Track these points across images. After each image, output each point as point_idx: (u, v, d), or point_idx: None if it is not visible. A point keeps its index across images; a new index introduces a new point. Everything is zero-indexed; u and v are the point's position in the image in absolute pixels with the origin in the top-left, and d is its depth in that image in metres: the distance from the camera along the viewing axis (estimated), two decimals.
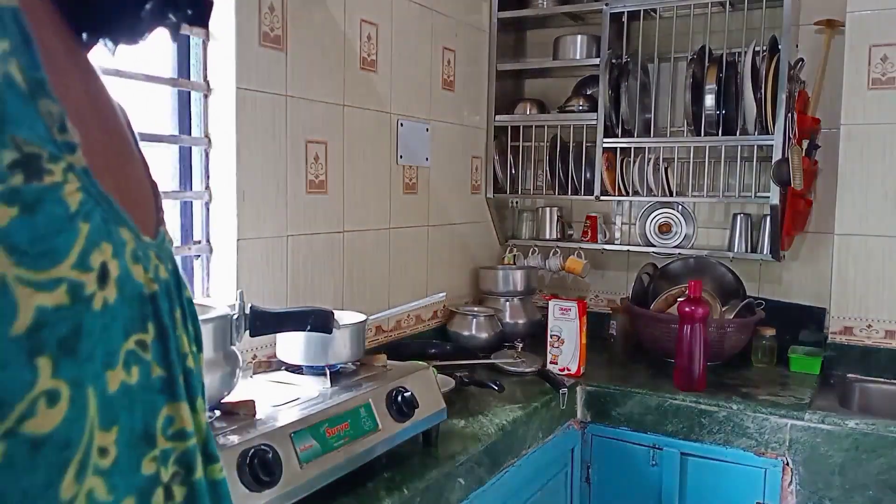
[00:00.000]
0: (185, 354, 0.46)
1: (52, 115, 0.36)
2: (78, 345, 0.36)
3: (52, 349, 0.35)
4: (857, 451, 1.88)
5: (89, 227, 0.37)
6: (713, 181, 2.61)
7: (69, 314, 0.35)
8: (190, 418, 0.45)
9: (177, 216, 1.89)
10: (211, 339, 1.33)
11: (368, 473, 1.52)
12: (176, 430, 0.44)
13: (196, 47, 1.85)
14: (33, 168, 0.34)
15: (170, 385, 0.44)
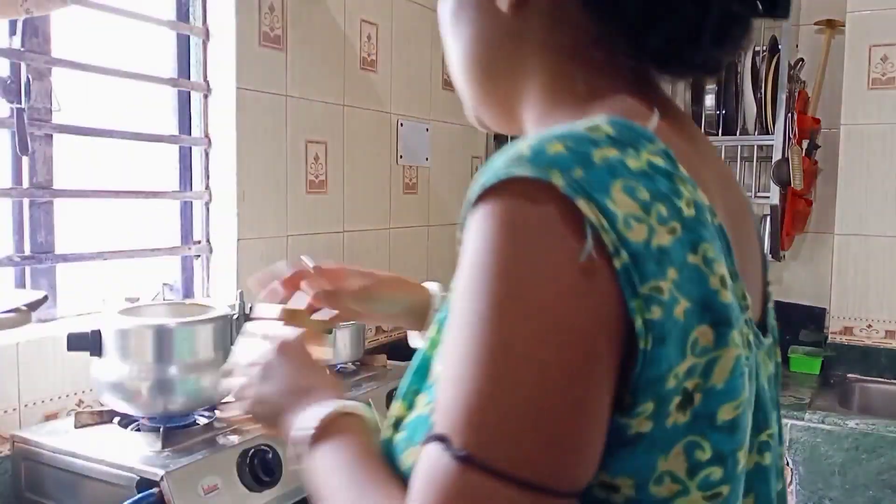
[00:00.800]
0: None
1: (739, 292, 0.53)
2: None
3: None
4: (857, 451, 1.88)
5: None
6: None
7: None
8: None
9: (177, 216, 1.89)
10: (211, 339, 1.33)
11: None
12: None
13: (196, 47, 1.85)
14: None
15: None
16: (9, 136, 1.45)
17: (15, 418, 1.38)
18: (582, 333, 0.44)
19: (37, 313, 1.45)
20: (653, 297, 0.44)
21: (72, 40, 1.58)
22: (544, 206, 0.44)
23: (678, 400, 0.46)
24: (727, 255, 0.50)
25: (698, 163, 0.53)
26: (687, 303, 0.45)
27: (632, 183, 0.46)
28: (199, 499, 1.17)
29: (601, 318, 0.44)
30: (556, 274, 0.44)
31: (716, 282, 0.47)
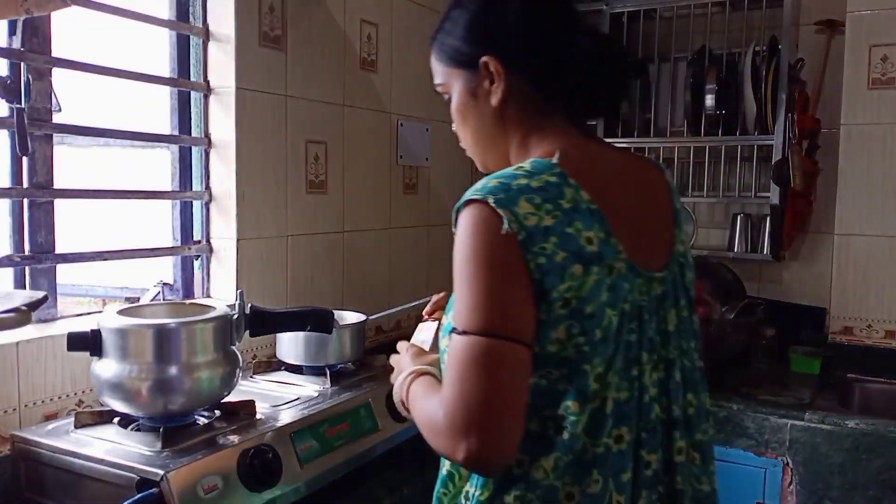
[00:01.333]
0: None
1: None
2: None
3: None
4: (857, 451, 1.88)
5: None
6: (713, 181, 2.61)
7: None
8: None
9: (177, 216, 1.89)
10: (211, 339, 1.33)
11: (368, 473, 1.52)
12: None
13: (196, 47, 1.85)
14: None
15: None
16: (9, 136, 1.46)
17: (15, 418, 1.38)
18: (507, 264, 0.89)
19: (37, 313, 1.45)
20: (538, 253, 0.89)
21: (72, 40, 1.58)
22: (484, 210, 0.91)
23: (560, 303, 0.90)
24: (600, 225, 0.92)
25: (593, 172, 0.97)
26: (564, 253, 0.90)
27: (531, 195, 0.91)
28: (199, 499, 1.17)
29: (513, 260, 0.89)
30: (494, 240, 0.89)
31: (583, 241, 0.91)
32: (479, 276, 0.89)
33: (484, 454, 0.84)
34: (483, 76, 1.03)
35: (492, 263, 0.89)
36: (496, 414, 0.85)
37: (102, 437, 1.29)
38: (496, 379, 0.85)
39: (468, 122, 1.09)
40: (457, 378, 0.86)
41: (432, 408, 0.91)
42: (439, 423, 0.88)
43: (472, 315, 0.88)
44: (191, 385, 1.29)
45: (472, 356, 0.86)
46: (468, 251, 0.90)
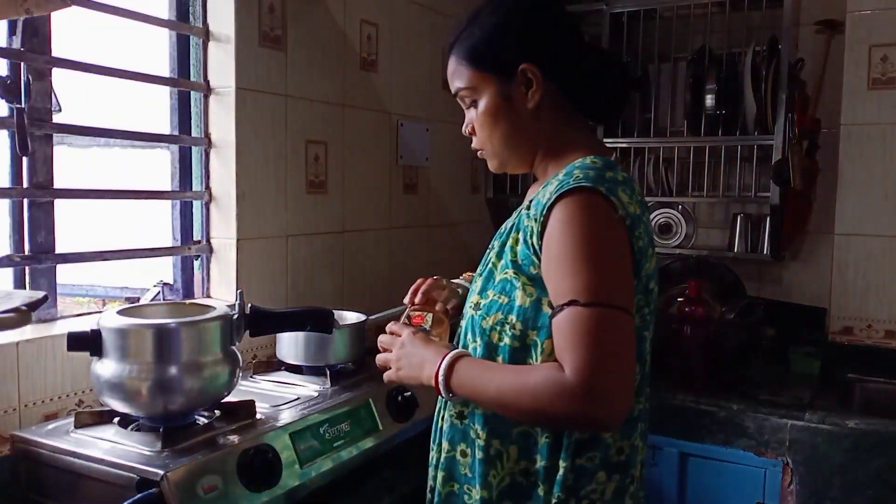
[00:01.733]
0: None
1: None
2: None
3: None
4: (857, 451, 1.88)
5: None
6: (713, 181, 2.61)
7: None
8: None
9: (177, 216, 1.89)
10: (211, 339, 1.33)
11: (368, 473, 1.52)
12: None
13: (196, 47, 1.85)
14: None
15: None
16: (9, 136, 1.46)
17: (15, 418, 1.38)
18: (622, 245, 1.04)
19: (37, 313, 1.45)
20: (638, 237, 1.06)
21: (72, 40, 1.58)
22: (598, 197, 1.03)
23: (643, 281, 1.08)
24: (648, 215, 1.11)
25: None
26: (647, 238, 1.09)
27: (623, 187, 1.06)
28: (199, 499, 1.17)
29: (624, 242, 1.04)
30: (609, 223, 1.03)
31: (649, 230, 1.10)
32: (601, 255, 1.01)
33: (618, 414, 0.97)
34: (520, 81, 1.13)
35: (611, 244, 1.03)
36: (627, 378, 0.99)
37: (102, 437, 1.29)
38: (625, 347, 0.99)
39: (499, 125, 1.16)
40: (594, 346, 0.96)
41: (541, 376, 0.99)
42: (565, 385, 0.96)
43: (599, 289, 0.98)
44: (191, 385, 1.29)
45: (604, 326, 0.97)
46: (588, 231, 1.01)
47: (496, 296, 1.11)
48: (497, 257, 1.15)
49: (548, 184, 1.11)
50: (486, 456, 1.11)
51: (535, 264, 1.07)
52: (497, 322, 1.10)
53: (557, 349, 1.00)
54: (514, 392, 1.02)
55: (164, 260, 1.87)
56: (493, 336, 1.10)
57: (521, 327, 1.08)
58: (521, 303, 1.08)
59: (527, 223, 1.10)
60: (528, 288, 1.08)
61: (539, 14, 1.15)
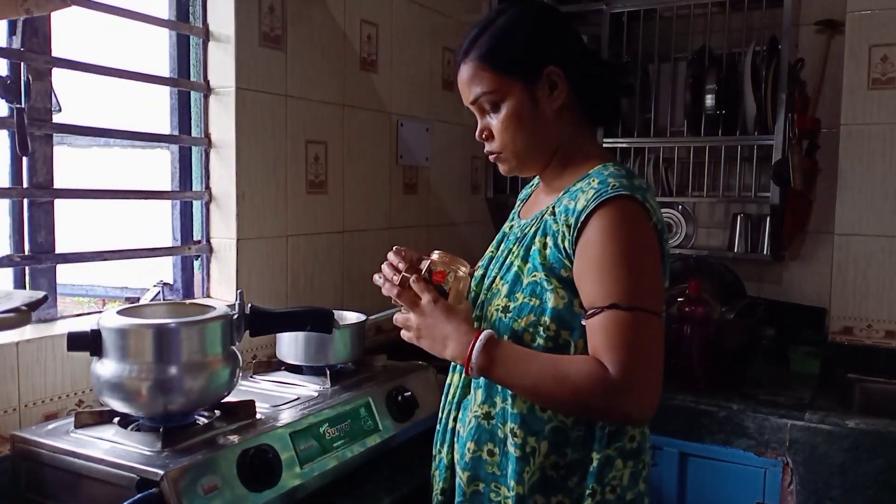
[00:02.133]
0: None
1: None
2: None
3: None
4: (857, 451, 1.88)
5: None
6: (713, 181, 2.61)
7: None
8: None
9: (177, 216, 1.89)
10: (211, 339, 1.33)
11: (368, 473, 1.52)
12: None
13: (196, 47, 1.85)
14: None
15: None
16: (9, 136, 1.46)
17: (15, 418, 1.38)
18: (656, 251, 1.11)
19: (37, 313, 1.45)
20: (665, 241, 1.14)
21: (72, 40, 1.58)
22: (637, 205, 1.10)
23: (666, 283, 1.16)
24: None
25: None
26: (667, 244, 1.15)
27: (649, 194, 1.13)
28: (199, 499, 1.17)
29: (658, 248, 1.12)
30: (646, 230, 1.10)
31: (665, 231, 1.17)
32: (640, 262, 1.09)
33: (651, 409, 1.08)
34: (544, 83, 1.18)
35: (648, 250, 1.10)
36: (659, 377, 1.09)
37: (102, 437, 1.29)
38: (658, 348, 1.09)
39: (525, 127, 1.19)
40: (634, 347, 1.05)
41: (583, 368, 1.06)
42: (608, 382, 1.04)
43: (637, 294, 1.06)
44: (191, 385, 1.29)
45: (642, 329, 1.06)
46: (629, 238, 1.08)
47: (526, 298, 1.15)
48: (522, 261, 1.18)
49: (567, 191, 1.17)
50: (522, 453, 1.15)
51: (566, 267, 1.12)
52: (530, 324, 1.14)
53: (596, 348, 1.07)
54: (552, 383, 1.07)
55: (164, 260, 1.87)
56: (525, 337, 1.14)
57: (554, 328, 1.12)
58: (555, 304, 1.12)
59: (556, 228, 1.14)
60: (560, 290, 1.12)
61: (554, 20, 1.21)
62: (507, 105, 1.18)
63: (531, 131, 1.20)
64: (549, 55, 1.18)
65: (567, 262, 1.12)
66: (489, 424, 1.19)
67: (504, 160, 1.24)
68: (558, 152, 1.23)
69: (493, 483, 1.19)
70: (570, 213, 1.12)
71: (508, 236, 1.30)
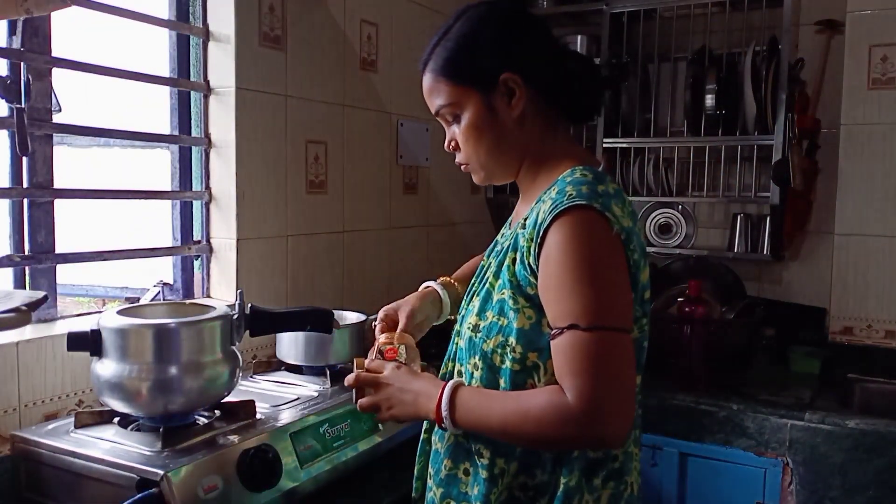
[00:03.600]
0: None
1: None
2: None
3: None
4: (857, 451, 1.88)
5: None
6: (713, 181, 2.61)
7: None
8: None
9: (177, 216, 1.89)
10: (211, 339, 1.33)
11: (368, 473, 1.52)
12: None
13: (196, 47, 1.85)
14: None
15: None
16: (9, 136, 1.45)
17: (15, 418, 1.38)
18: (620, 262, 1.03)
19: (37, 313, 1.45)
20: (632, 250, 1.05)
21: (72, 40, 1.58)
22: (595, 214, 1.02)
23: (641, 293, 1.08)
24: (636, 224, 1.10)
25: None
26: (640, 250, 1.08)
27: (615, 200, 1.05)
28: (199, 499, 1.17)
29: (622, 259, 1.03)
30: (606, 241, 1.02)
31: (641, 240, 1.09)
32: (600, 276, 1.00)
33: (621, 433, 0.99)
34: (501, 91, 1.12)
35: (609, 263, 1.02)
36: (630, 398, 1.00)
37: (102, 437, 1.29)
38: (626, 368, 1.00)
39: (484, 137, 1.14)
40: (597, 370, 0.97)
41: (542, 400, 1.00)
42: (568, 411, 0.97)
43: (598, 312, 0.99)
44: (191, 385, 1.29)
45: (606, 350, 0.98)
46: (587, 251, 1.00)
47: (495, 317, 1.10)
48: (494, 277, 1.13)
49: (539, 200, 1.10)
50: (489, 475, 1.10)
51: (532, 284, 1.06)
52: (498, 345, 1.08)
53: (558, 372, 1.01)
54: (517, 420, 1.02)
55: (164, 260, 1.87)
56: (494, 359, 1.09)
57: (521, 350, 1.06)
58: (521, 325, 1.06)
59: (523, 243, 1.08)
60: (527, 310, 1.06)
61: (513, 22, 1.14)
62: (465, 116, 1.13)
63: (492, 141, 1.14)
64: (505, 62, 1.12)
65: (532, 278, 1.06)
66: (467, 443, 1.14)
67: (473, 171, 1.20)
68: (526, 159, 1.17)
69: (464, 503, 1.14)
70: (533, 226, 1.06)
71: (495, 247, 1.25)
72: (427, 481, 1.22)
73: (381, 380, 1.13)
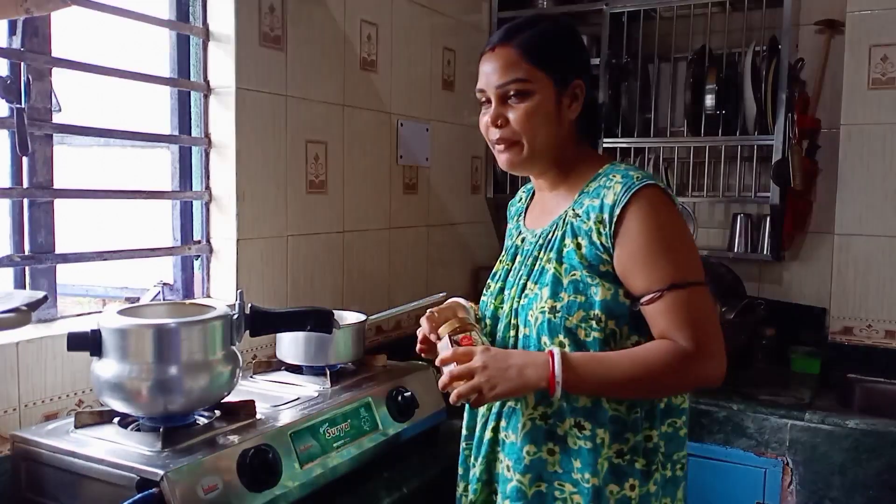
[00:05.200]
0: None
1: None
2: None
3: None
4: (857, 451, 1.88)
5: None
6: (713, 181, 2.61)
7: None
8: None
9: (177, 216, 1.89)
10: (211, 339, 1.33)
11: (368, 473, 1.52)
12: None
13: (196, 47, 1.85)
14: None
15: None
16: (9, 136, 1.45)
17: (15, 418, 1.38)
18: (688, 230, 1.24)
19: (37, 313, 1.45)
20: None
21: (72, 40, 1.58)
22: (663, 192, 1.20)
23: None
24: None
25: None
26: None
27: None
28: (199, 499, 1.17)
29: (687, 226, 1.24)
30: (676, 211, 1.21)
31: None
32: (682, 241, 1.20)
33: (724, 366, 1.17)
34: (570, 93, 1.27)
35: (684, 229, 1.21)
36: (722, 337, 1.18)
37: (102, 437, 1.29)
38: (714, 314, 1.20)
39: (546, 126, 1.26)
40: (699, 318, 1.16)
41: (661, 351, 1.15)
42: (687, 355, 1.14)
43: (689, 271, 1.17)
44: (191, 385, 1.29)
45: (702, 301, 1.17)
46: (667, 221, 1.18)
47: (571, 296, 1.20)
48: (557, 263, 1.23)
49: (593, 190, 1.24)
50: (593, 445, 1.20)
51: (604, 262, 1.19)
52: (581, 319, 1.19)
53: (664, 330, 1.16)
54: (642, 371, 1.14)
55: (164, 260, 1.87)
56: (579, 333, 1.19)
57: (605, 319, 1.18)
58: (603, 297, 1.19)
59: (587, 226, 1.21)
60: (605, 283, 1.19)
61: (581, 42, 1.33)
62: (535, 98, 1.24)
63: (550, 132, 1.26)
64: (581, 70, 1.29)
65: (605, 256, 1.19)
66: (547, 424, 1.23)
67: (513, 149, 1.27)
68: (560, 159, 1.30)
69: (557, 481, 1.22)
70: (600, 209, 1.20)
71: (524, 247, 1.35)
72: (490, 481, 1.30)
73: (475, 366, 1.17)
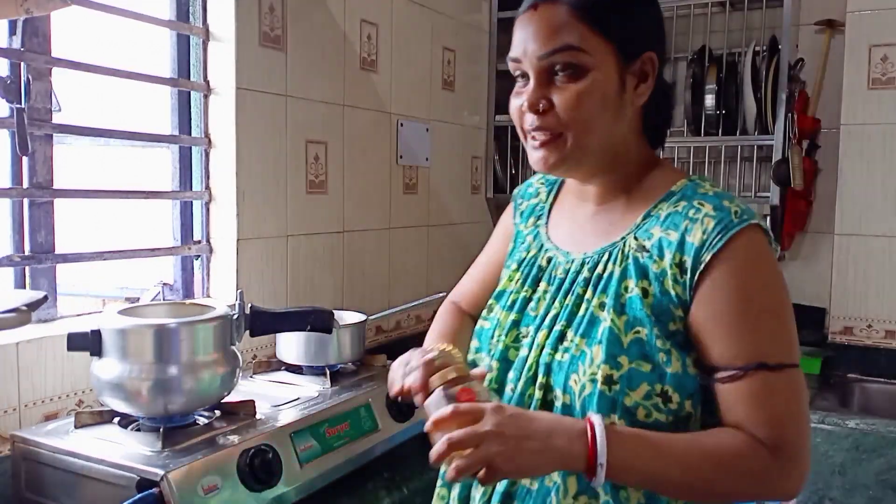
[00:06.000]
0: None
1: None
2: None
3: None
4: (857, 451, 1.88)
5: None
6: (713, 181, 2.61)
7: None
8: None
9: (177, 216, 1.89)
10: (211, 339, 1.33)
11: (368, 473, 1.52)
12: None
13: (196, 47, 1.85)
14: None
15: None
16: (9, 136, 1.46)
17: (15, 418, 1.38)
18: (787, 288, 0.92)
19: (37, 313, 1.45)
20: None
21: (72, 40, 1.58)
22: (765, 236, 0.92)
23: None
24: None
25: None
26: None
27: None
28: (199, 499, 1.17)
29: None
30: (777, 264, 0.93)
31: None
32: (783, 306, 0.90)
33: (805, 480, 0.89)
34: (637, 68, 0.95)
35: (786, 291, 0.91)
36: (809, 442, 0.92)
37: (102, 437, 1.29)
38: (807, 410, 0.91)
39: (606, 108, 0.94)
40: (790, 414, 0.88)
41: (736, 448, 0.86)
42: (771, 462, 0.85)
43: (793, 348, 0.89)
44: (191, 385, 1.29)
45: (796, 391, 0.89)
46: (773, 277, 0.91)
47: (634, 363, 0.89)
48: (616, 313, 0.91)
49: (668, 217, 0.94)
50: None
51: (675, 319, 0.90)
52: (644, 396, 0.88)
53: (741, 419, 0.87)
54: (710, 467, 0.86)
55: (164, 260, 1.87)
56: (639, 413, 0.88)
57: (678, 399, 0.89)
58: (675, 370, 0.88)
59: (657, 268, 0.91)
60: (674, 350, 0.89)
61: (659, 10, 1.00)
62: (592, 75, 0.91)
63: (607, 119, 0.94)
64: (653, 40, 0.96)
65: (678, 312, 0.89)
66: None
67: (554, 144, 0.94)
68: (617, 162, 0.99)
69: None
70: (679, 248, 0.90)
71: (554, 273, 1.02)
72: None
73: (484, 430, 0.83)
